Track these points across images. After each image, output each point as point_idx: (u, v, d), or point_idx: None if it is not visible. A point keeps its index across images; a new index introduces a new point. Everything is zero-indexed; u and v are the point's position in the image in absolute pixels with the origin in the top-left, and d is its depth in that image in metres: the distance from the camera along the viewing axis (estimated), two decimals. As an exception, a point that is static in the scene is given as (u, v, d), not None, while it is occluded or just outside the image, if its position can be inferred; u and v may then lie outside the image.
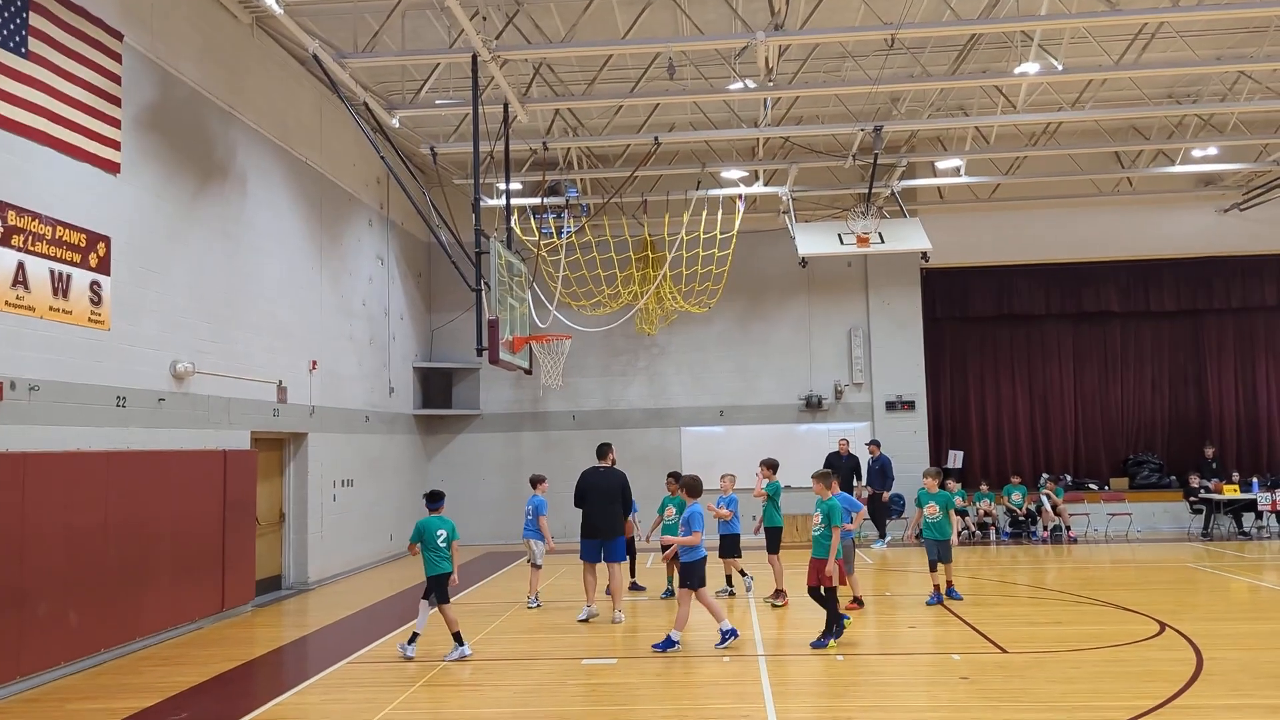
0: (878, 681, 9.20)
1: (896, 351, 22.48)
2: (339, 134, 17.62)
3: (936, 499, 13.03)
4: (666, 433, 22.62)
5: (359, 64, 13.84)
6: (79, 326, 10.52)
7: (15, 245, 9.60)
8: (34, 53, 9.96)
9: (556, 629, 12.03)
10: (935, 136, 20.86)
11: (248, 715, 8.46)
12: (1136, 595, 13.33)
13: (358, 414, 18.32)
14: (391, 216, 20.40)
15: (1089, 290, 23.07)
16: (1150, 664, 9.47)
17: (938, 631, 11.33)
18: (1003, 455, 23.27)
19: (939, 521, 12.96)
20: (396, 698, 8.86)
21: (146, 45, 11.97)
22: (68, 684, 9.71)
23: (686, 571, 10.60)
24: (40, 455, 9.71)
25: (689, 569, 10.56)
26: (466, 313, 19.46)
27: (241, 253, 14.13)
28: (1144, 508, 21.47)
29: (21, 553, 9.34)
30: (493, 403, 22.98)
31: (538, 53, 14.59)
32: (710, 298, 20.79)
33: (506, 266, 14.22)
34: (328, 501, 16.78)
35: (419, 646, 10.51)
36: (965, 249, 22.45)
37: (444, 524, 10.56)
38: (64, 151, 10.38)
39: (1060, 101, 18.18)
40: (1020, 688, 8.63)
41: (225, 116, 13.83)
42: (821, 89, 16.34)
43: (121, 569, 10.83)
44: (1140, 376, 23.37)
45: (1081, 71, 15.79)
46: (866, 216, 18.86)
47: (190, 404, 12.66)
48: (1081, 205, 22.34)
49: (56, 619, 9.82)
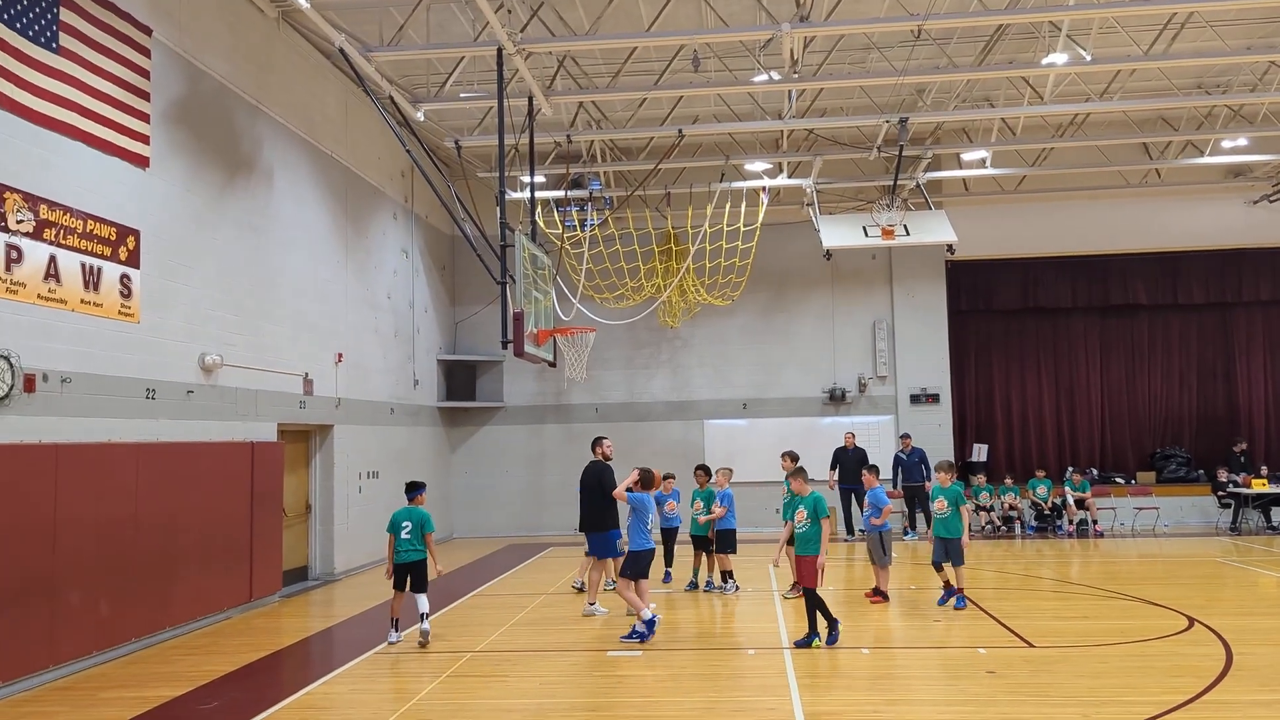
0: (903, 675, 9.18)
1: (921, 344, 22.37)
2: (364, 128, 17.69)
3: (946, 494, 12.45)
4: (689, 425, 22.61)
5: (384, 58, 13.88)
6: (109, 319, 10.63)
7: (47, 239, 9.71)
8: (65, 48, 10.05)
9: (582, 621, 12.07)
10: (961, 128, 20.73)
11: (277, 704, 8.54)
12: (1164, 590, 13.23)
13: (383, 406, 18.42)
14: (416, 210, 20.48)
15: (1116, 283, 22.88)
16: (1179, 659, 9.40)
17: (963, 625, 11.28)
18: (1028, 449, 23.14)
19: (947, 517, 12.36)
20: (424, 688, 8.92)
21: (175, 40, 12.06)
22: (100, 672, 9.84)
23: (629, 560, 10.73)
24: (72, 446, 9.83)
25: (633, 558, 10.73)
26: (490, 305, 19.54)
27: (268, 246, 14.23)
28: (1171, 502, 21.29)
29: (54, 542, 9.47)
30: (516, 395, 23.04)
31: (562, 45, 14.58)
32: (733, 290, 20.75)
33: (530, 259, 14.25)
34: (353, 493, 16.89)
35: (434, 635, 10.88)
36: (991, 241, 22.29)
37: (412, 515, 10.93)
38: (94, 146, 10.49)
39: (1088, 92, 18.01)
40: (1047, 682, 8.59)
41: (252, 111, 13.92)
42: (847, 80, 16.25)
43: (151, 559, 10.96)
44: (1168, 369, 23.17)
45: (1110, 62, 15.63)
46: (891, 209, 18.73)
47: (218, 396, 12.77)
48: (1109, 197, 22.13)
49: (88, 608, 9.95)
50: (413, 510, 10.99)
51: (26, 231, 9.44)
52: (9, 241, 9.22)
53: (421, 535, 10.89)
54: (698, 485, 13.97)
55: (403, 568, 10.88)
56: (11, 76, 9.32)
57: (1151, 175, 21.76)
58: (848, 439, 20.68)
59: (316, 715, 8.30)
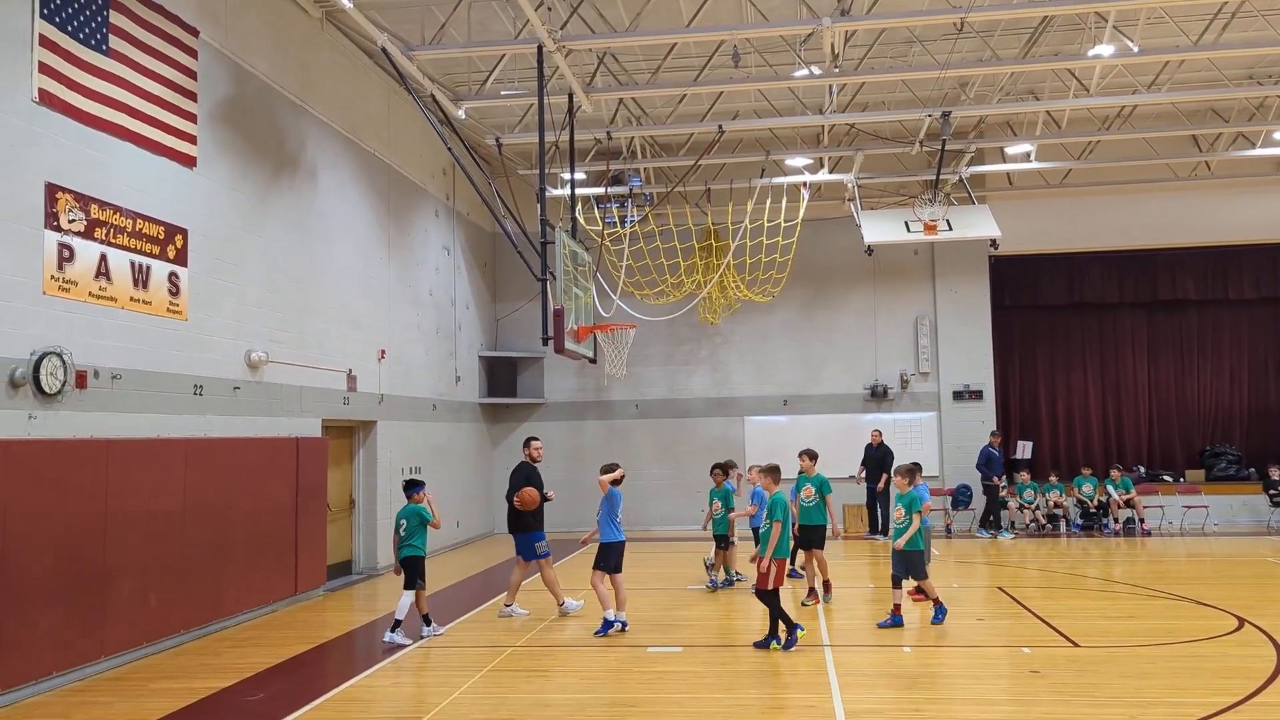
0: (946, 673, 9.12)
1: (964, 340, 22.14)
2: (406, 126, 17.84)
3: (902, 500, 11.12)
4: (730, 422, 22.56)
5: (426, 56, 13.98)
6: (158, 317, 10.81)
7: (98, 238, 9.90)
8: (114, 49, 10.23)
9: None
10: (1005, 121, 20.48)
11: (321, 696, 8.66)
12: (1214, 590, 13.00)
13: (425, 402, 18.57)
14: (457, 207, 20.62)
15: (1164, 278, 22.50)
16: (1228, 660, 9.25)
17: (1007, 624, 11.18)
18: (1073, 446, 22.84)
19: (904, 526, 11.00)
20: (465, 682, 8.99)
21: (221, 41, 12.23)
22: (149, 663, 10.02)
23: (601, 553, 10.75)
24: (122, 441, 10.02)
25: (604, 550, 10.77)
26: (531, 302, 19.59)
27: (312, 243, 14.39)
28: (1221, 500, 20.90)
29: (105, 536, 9.67)
30: (557, 391, 23.13)
31: (602, 42, 14.60)
32: (774, 286, 20.68)
33: (571, 256, 14.29)
34: (396, 488, 16.98)
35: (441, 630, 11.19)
36: (1035, 236, 22.02)
37: (405, 513, 11.05)
38: (143, 146, 10.67)
39: (1135, 84, 17.72)
40: (1093, 682, 8.48)
41: (296, 110, 14.08)
42: (888, 75, 16.11)
43: (199, 553, 11.15)
44: (1218, 366, 22.75)
45: (1158, 53, 15.37)
46: (934, 203, 18.60)
47: (264, 392, 12.95)
48: (1157, 190, 21.77)
49: (138, 600, 10.14)
50: (410, 507, 11.10)
51: (78, 231, 9.63)
52: (61, 240, 9.41)
53: (418, 531, 11.00)
54: (714, 485, 13.95)
55: (402, 562, 11.00)
56: (63, 79, 9.51)
57: (1201, 168, 21.37)
58: (874, 436, 20.58)
59: (360, 708, 8.40)
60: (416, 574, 10.92)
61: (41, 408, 9.14)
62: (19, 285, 8.95)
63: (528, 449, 12.56)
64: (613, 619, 10.84)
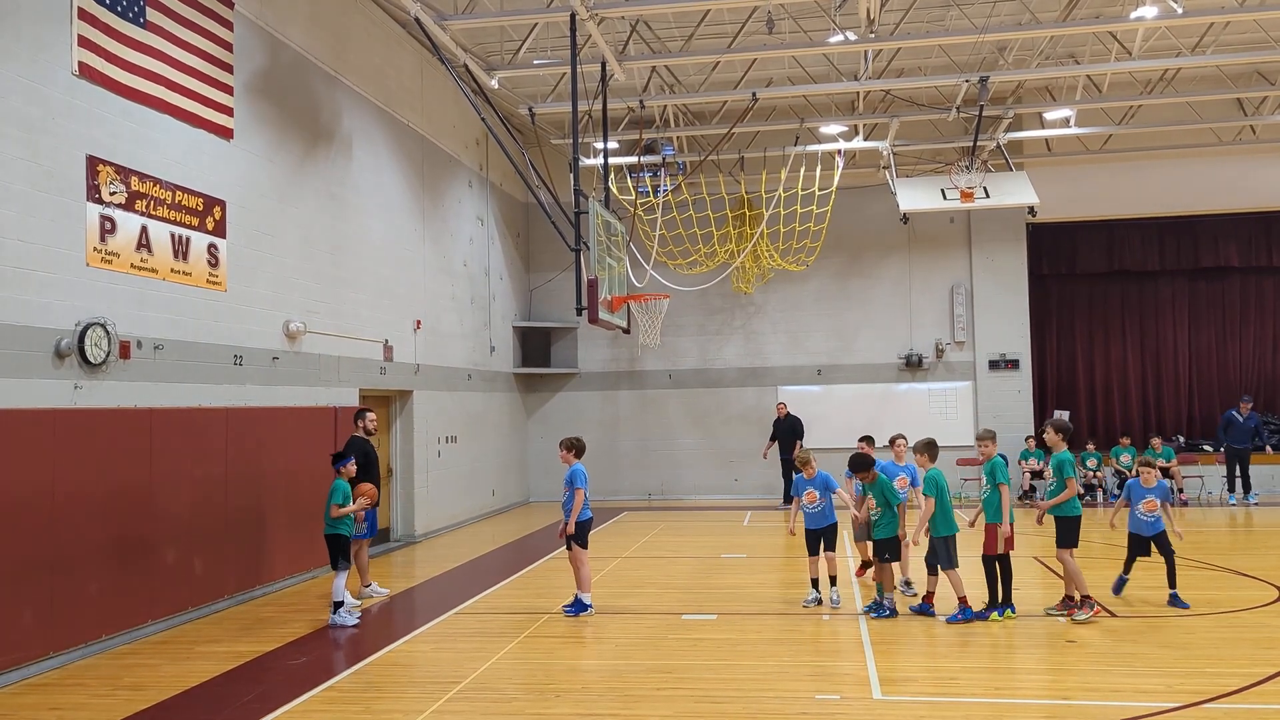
0: (982, 642, 9.11)
1: (1000, 309, 21.92)
2: (439, 96, 17.84)
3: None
4: (763, 392, 22.51)
5: (459, 25, 13.95)
6: (198, 288, 10.94)
7: (139, 210, 10.01)
8: (152, 22, 10.30)
9: (655, 584, 12.19)
10: (1044, 86, 20.16)
11: (362, 662, 8.81)
12: (1254, 560, 12.89)
13: (460, 372, 18.69)
14: (491, 177, 20.63)
15: (1207, 244, 22.13)
16: (1269, 630, 9.18)
17: (1043, 593, 11.14)
18: (1111, 416, 22.62)
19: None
20: (503, 648, 9.11)
21: (256, 13, 12.27)
22: (194, 628, 10.22)
23: (577, 531, 10.58)
24: (165, 410, 10.19)
25: (578, 529, 10.57)
26: (565, 272, 19.64)
27: (348, 214, 14.47)
28: (1263, 470, 20.58)
29: (150, 504, 9.87)
30: (590, 361, 23.18)
31: (635, 9, 14.48)
32: (808, 255, 20.55)
33: (604, 226, 14.28)
34: (433, 457, 17.21)
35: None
36: (1074, 203, 21.70)
37: (332, 490, 10.43)
38: (181, 118, 10.75)
39: (1179, 46, 17.35)
40: (1131, 652, 8.46)
41: (330, 81, 14.12)
42: (925, 40, 15.87)
43: (241, 520, 11.35)
44: (1261, 334, 22.39)
45: (1203, 14, 15.02)
46: (970, 170, 18.35)
47: (302, 362, 13.08)
48: (1200, 155, 21.36)
49: (184, 566, 10.36)
50: (337, 483, 10.49)
51: (119, 203, 9.75)
52: (103, 213, 9.53)
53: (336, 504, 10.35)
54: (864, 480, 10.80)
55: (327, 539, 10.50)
56: (103, 52, 9.59)
57: (1245, 132, 20.93)
58: (779, 409, 20.71)
59: (400, 672, 8.55)
60: (340, 554, 10.37)
61: (87, 378, 9.30)
62: (63, 257, 9.09)
63: (363, 421, 11.62)
64: (587, 603, 10.58)
